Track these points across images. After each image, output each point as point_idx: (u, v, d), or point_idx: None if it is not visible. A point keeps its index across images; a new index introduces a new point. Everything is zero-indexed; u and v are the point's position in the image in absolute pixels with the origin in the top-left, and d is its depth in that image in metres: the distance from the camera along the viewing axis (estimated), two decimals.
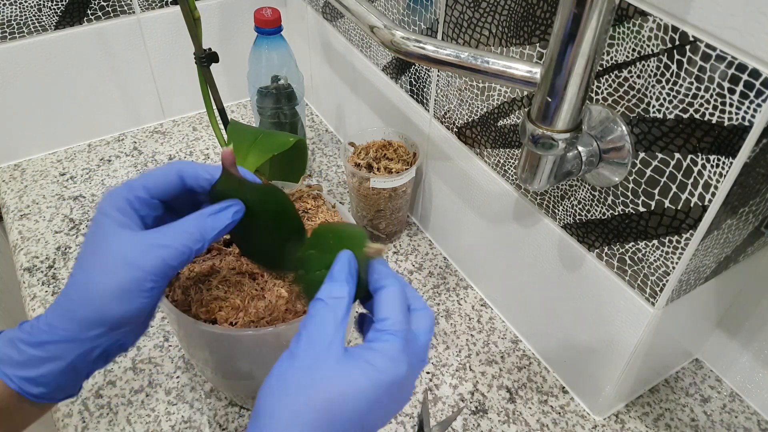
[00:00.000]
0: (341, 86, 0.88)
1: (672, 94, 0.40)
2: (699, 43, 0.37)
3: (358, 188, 0.72)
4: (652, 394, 0.63)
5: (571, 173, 0.46)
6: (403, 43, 0.48)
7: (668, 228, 0.44)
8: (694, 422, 0.61)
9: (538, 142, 0.42)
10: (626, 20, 0.41)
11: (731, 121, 0.37)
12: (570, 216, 0.53)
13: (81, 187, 0.84)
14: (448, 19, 0.59)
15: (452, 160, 0.68)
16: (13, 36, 0.78)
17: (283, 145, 0.58)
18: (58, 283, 0.71)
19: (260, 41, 0.75)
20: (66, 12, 0.80)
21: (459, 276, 0.74)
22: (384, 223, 0.75)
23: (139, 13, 0.84)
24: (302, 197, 0.58)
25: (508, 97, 0.55)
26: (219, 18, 0.91)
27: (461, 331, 0.68)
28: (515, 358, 0.66)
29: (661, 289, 0.47)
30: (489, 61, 0.44)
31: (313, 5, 0.87)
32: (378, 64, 0.75)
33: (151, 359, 0.64)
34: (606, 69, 0.44)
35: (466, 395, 0.62)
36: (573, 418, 0.61)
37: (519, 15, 0.50)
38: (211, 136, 0.94)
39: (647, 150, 0.43)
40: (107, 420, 0.59)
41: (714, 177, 0.40)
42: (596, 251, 0.52)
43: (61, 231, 0.78)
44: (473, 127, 0.62)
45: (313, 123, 0.99)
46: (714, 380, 0.65)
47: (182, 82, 0.93)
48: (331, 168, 0.90)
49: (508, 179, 0.60)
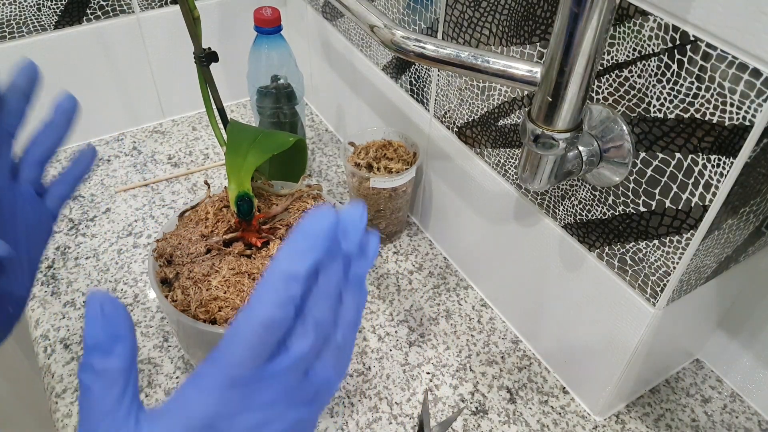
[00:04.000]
0: (341, 86, 0.88)
1: (673, 94, 0.40)
2: (700, 42, 0.37)
3: (358, 188, 0.72)
4: (653, 395, 0.63)
5: (572, 173, 0.46)
6: (403, 43, 0.48)
7: (669, 228, 0.44)
8: (694, 422, 0.61)
9: (538, 142, 0.41)
10: (627, 20, 0.41)
11: (732, 120, 0.37)
12: (570, 216, 0.53)
13: (80, 186, 0.84)
14: (448, 19, 0.58)
15: (452, 160, 0.67)
16: (12, 36, 0.78)
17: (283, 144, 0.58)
18: (57, 283, 0.71)
19: (260, 41, 0.75)
20: (65, 12, 0.80)
21: (459, 276, 0.74)
22: (384, 223, 0.75)
23: (138, 13, 0.84)
24: (302, 197, 0.58)
25: (508, 97, 0.55)
26: (219, 17, 0.91)
27: (461, 332, 0.68)
28: (516, 359, 0.66)
29: (661, 289, 0.47)
30: (489, 60, 0.44)
31: (313, 5, 0.87)
32: (378, 64, 0.75)
33: (150, 359, 0.64)
34: (606, 68, 0.44)
35: (467, 396, 0.62)
36: (573, 418, 0.61)
37: (519, 14, 0.50)
38: (210, 135, 0.94)
39: (648, 150, 0.43)
40: None
41: (715, 177, 0.40)
42: (597, 251, 0.52)
43: (61, 231, 0.77)
44: (473, 126, 0.62)
45: (313, 123, 0.99)
46: (715, 380, 0.65)
47: (182, 81, 0.93)
48: (331, 168, 0.89)
49: (509, 179, 0.60)
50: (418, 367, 0.64)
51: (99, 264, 0.73)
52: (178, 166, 0.88)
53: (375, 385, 0.63)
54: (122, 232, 0.78)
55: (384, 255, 0.77)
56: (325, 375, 0.29)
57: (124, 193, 0.83)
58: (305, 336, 0.27)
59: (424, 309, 0.70)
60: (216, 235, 0.53)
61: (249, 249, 0.53)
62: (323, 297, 0.27)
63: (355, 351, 0.66)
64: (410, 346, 0.66)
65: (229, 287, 0.49)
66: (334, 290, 0.28)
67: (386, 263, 0.76)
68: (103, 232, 0.77)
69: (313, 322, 0.27)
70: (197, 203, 0.57)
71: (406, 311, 0.70)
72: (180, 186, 0.85)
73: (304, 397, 0.28)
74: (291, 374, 0.27)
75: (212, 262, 0.51)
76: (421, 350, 0.66)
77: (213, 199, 0.57)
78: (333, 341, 0.29)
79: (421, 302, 0.71)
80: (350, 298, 0.29)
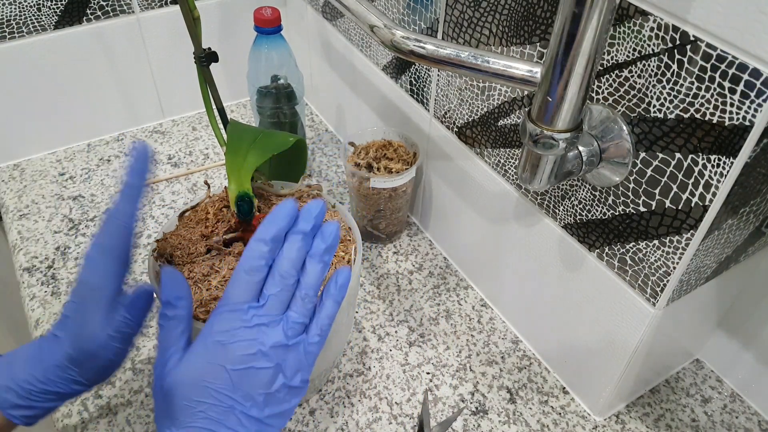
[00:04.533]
0: (341, 86, 0.88)
1: (673, 94, 0.40)
2: (700, 42, 0.37)
3: (358, 188, 0.72)
4: (653, 395, 0.63)
5: (572, 173, 0.46)
6: (403, 43, 0.48)
7: (669, 228, 0.44)
8: (694, 423, 0.61)
9: (538, 142, 0.41)
10: (627, 20, 0.41)
11: (732, 120, 0.37)
12: (570, 216, 0.53)
13: (80, 187, 0.84)
14: (448, 19, 0.58)
15: (452, 160, 0.67)
16: (12, 36, 0.78)
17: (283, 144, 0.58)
18: (57, 283, 0.71)
19: (260, 41, 0.75)
20: (65, 12, 0.80)
21: (459, 276, 0.74)
22: (384, 223, 0.75)
23: (138, 13, 0.84)
24: (302, 197, 0.58)
25: (508, 97, 0.55)
26: (219, 17, 0.91)
27: (461, 332, 0.68)
28: (515, 359, 0.66)
29: (661, 289, 0.47)
30: (489, 60, 0.44)
31: (313, 5, 0.87)
32: (378, 64, 0.75)
33: (150, 359, 0.64)
34: (606, 69, 0.44)
35: (467, 396, 0.62)
36: (573, 418, 0.61)
37: (519, 14, 0.50)
38: (210, 135, 0.94)
39: (648, 150, 0.43)
40: (107, 420, 0.59)
41: (715, 177, 0.39)
42: (597, 251, 0.52)
43: (61, 231, 0.77)
44: (473, 126, 0.62)
45: (313, 123, 0.99)
46: (715, 380, 0.65)
47: (182, 81, 0.93)
48: (331, 168, 0.89)
49: (509, 179, 0.60)
50: (418, 367, 0.64)
51: None
52: (178, 166, 0.88)
53: (375, 385, 0.63)
54: None
55: (384, 255, 0.77)
56: (295, 318, 0.40)
57: None
58: (274, 284, 0.39)
59: (424, 309, 0.70)
60: (216, 235, 0.53)
61: None
62: (285, 259, 0.40)
63: (355, 351, 0.66)
64: (410, 346, 0.66)
65: None
66: (296, 256, 0.40)
67: (386, 263, 0.76)
68: None
69: (279, 275, 0.39)
70: (197, 203, 0.57)
71: (406, 311, 0.70)
72: (180, 186, 0.85)
73: (284, 331, 0.39)
74: (271, 309, 0.39)
75: (212, 262, 0.51)
76: (421, 350, 0.66)
77: (213, 199, 0.57)
78: (298, 294, 0.40)
79: (421, 302, 0.71)
80: (312, 267, 0.40)
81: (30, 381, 0.45)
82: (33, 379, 0.45)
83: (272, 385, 0.39)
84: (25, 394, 0.45)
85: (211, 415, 0.37)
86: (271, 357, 0.38)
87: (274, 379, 0.39)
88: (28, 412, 0.46)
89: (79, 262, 0.73)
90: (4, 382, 0.45)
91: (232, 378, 0.38)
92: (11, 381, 0.45)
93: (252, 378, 0.38)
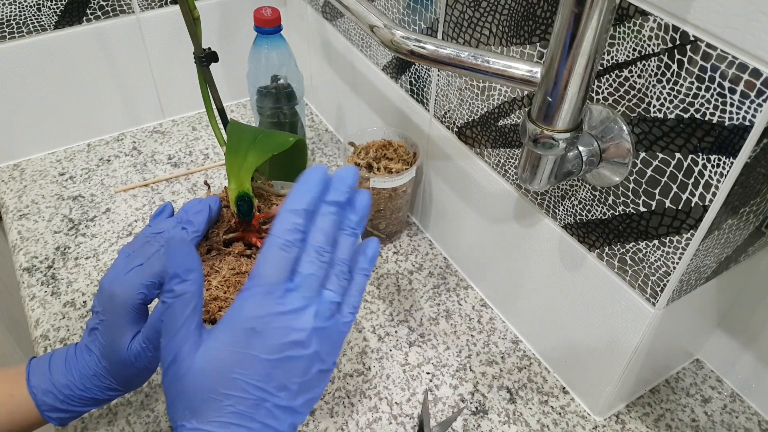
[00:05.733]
0: (341, 86, 0.88)
1: (673, 94, 0.40)
2: (700, 42, 0.37)
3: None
4: (653, 395, 0.63)
5: (572, 173, 0.46)
6: (403, 43, 0.48)
7: (669, 228, 0.44)
8: (694, 423, 0.61)
9: (538, 142, 0.41)
10: (627, 20, 0.41)
11: (732, 120, 0.37)
12: (570, 216, 0.53)
13: (80, 187, 0.84)
14: (448, 19, 0.58)
15: (452, 160, 0.67)
16: (12, 36, 0.78)
17: (283, 144, 0.58)
18: (57, 283, 0.71)
19: (260, 41, 0.75)
20: (65, 12, 0.79)
21: (459, 276, 0.74)
22: (384, 223, 0.75)
23: (138, 13, 0.84)
24: None
25: (508, 97, 0.55)
26: (219, 17, 0.91)
27: (461, 332, 0.68)
28: (515, 359, 0.66)
29: (661, 289, 0.47)
30: (489, 60, 0.44)
31: (313, 5, 0.87)
32: (378, 64, 0.75)
33: None
34: (606, 69, 0.44)
35: (467, 396, 0.62)
36: (573, 418, 0.61)
37: (519, 14, 0.50)
38: (210, 135, 0.94)
39: (648, 150, 0.43)
40: (107, 420, 0.59)
41: (715, 177, 0.39)
42: (597, 251, 0.52)
43: (61, 231, 0.77)
44: (473, 126, 0.62)
45: (313, 123, 0.99)
46: (715, 380, 0.65)
47: (182, 81, 0.93)
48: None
49: (509, 179, 0.60)
50: (418, 367, 0.64)
51: (99, 264, 0.73)
52: (178, 166, 0.88)
53: (375, 385, 0.63)
54: (122, 232, 0.78)
55: (384, 255, 0.77)
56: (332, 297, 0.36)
57: (124, 193, 0.83)
58: (310, 261, 0.36)
59: (424, 309, 0.70)
60: (216, 235, 0.53)
61: (249, 249, 0.53)
62: (320, 232, 0.36)
63: (356, 351, 0.66)
64: (410, 346, 0.66)
65: (229, 287, 0.49)
66: (330, 229, 0.37)
67: (386, 263, 0.76)
68: (103, 232, 0.77)
69: (314, 250, 0.36)
70: None
71: (406, 311, 0.70)
72: (180, 186, 0.85)
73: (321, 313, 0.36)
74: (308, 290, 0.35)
75: (212, 262, 0.51)
76: (421, 350, 0.66)
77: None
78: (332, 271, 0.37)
79: (421, 302, 0.71)
80: (344, 240, 0.38)
81: (70, 387, 0.46)
82: (72, 386, 0.46)
83: (308, 372, 0.35)
84: (64, 398, 0.46)
85: (240, 409, 0.34)
86: (307, 343, 0.35)
87: (311, 366, 0.36)
88: (64, 415, 0.47)
89: (79, 262, 0.73)
90: (47, 387, 0.46)
91: (266, 368, 0.34)
92: (52, 386, 0.46)
93: (288, 366, 0.35)
